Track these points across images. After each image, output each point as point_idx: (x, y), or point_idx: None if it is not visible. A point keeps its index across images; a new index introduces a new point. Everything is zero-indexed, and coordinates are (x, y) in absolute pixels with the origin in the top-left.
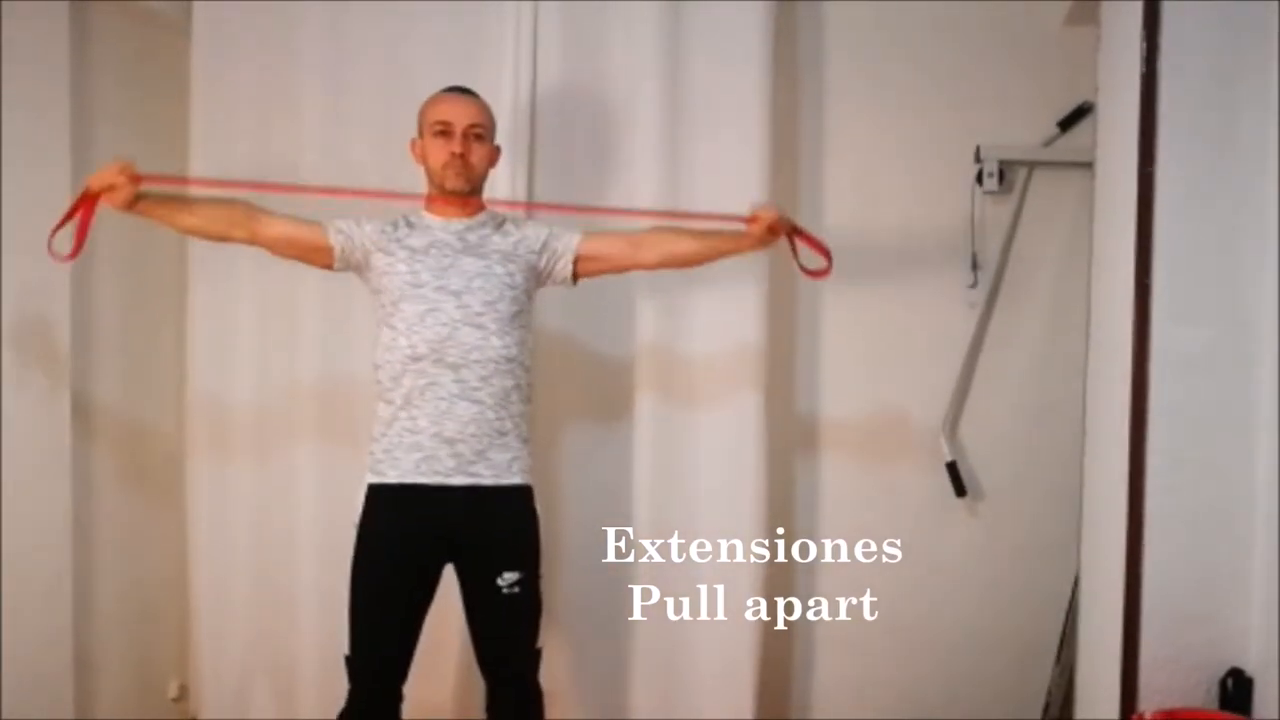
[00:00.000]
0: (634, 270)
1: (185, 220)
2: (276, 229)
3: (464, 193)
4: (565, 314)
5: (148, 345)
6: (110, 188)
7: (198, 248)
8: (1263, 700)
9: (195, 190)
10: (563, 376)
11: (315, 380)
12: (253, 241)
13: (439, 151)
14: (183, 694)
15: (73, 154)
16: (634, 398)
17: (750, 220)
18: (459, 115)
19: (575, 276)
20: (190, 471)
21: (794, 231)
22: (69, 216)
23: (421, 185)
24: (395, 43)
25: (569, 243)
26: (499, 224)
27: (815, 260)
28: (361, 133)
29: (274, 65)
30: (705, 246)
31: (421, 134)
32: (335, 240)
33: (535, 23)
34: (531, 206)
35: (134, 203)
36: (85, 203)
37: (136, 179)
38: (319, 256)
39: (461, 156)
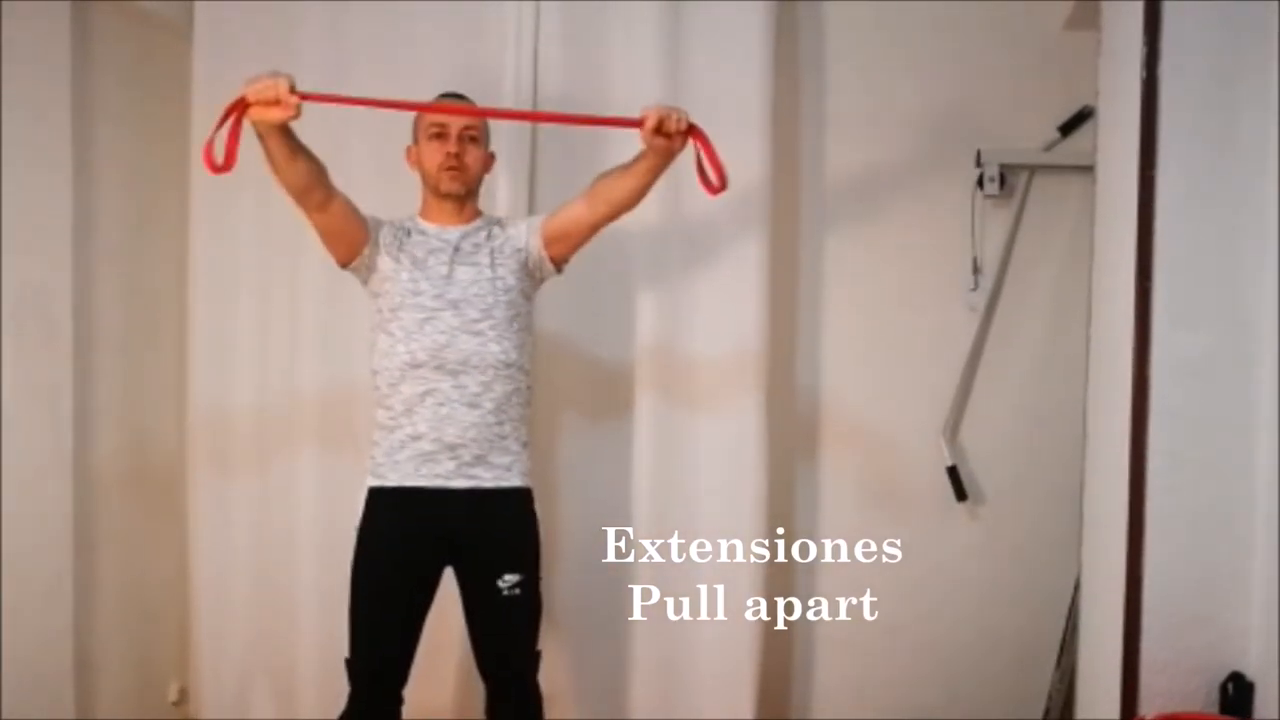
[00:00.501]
0: (600, 228)
1: (298, 162)
2: (344, 202)
3: (459, 196)
4: (565, 316)
5: (149, 347)
6: (274, 102)
7: (199, 250)
8: (1263, 704)
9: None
10: (562, 378)
11: (315, 384)
12: (324, 204)
13: (434, 153)
14: (183, 697)
15: (74, 155)
16: (634, 400)
17: (638, 123)
18: (453, 117)
19: (555, 263)
20: (191, 474)
21: (693, 133)
22: (220, 124)
23: (416, 194)
24: (395, 45)
25: (535, 231)
26: (491, 228)
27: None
28: (361, 134)
29: (274, 66)
30: (630, 173)
31: (417, 140)
32: (372, 231)
33: (536, 24)
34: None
35: (283, 126)
36: (237, 111)
37: (297, 105)
38: (352, 244)
39: (456, 156)
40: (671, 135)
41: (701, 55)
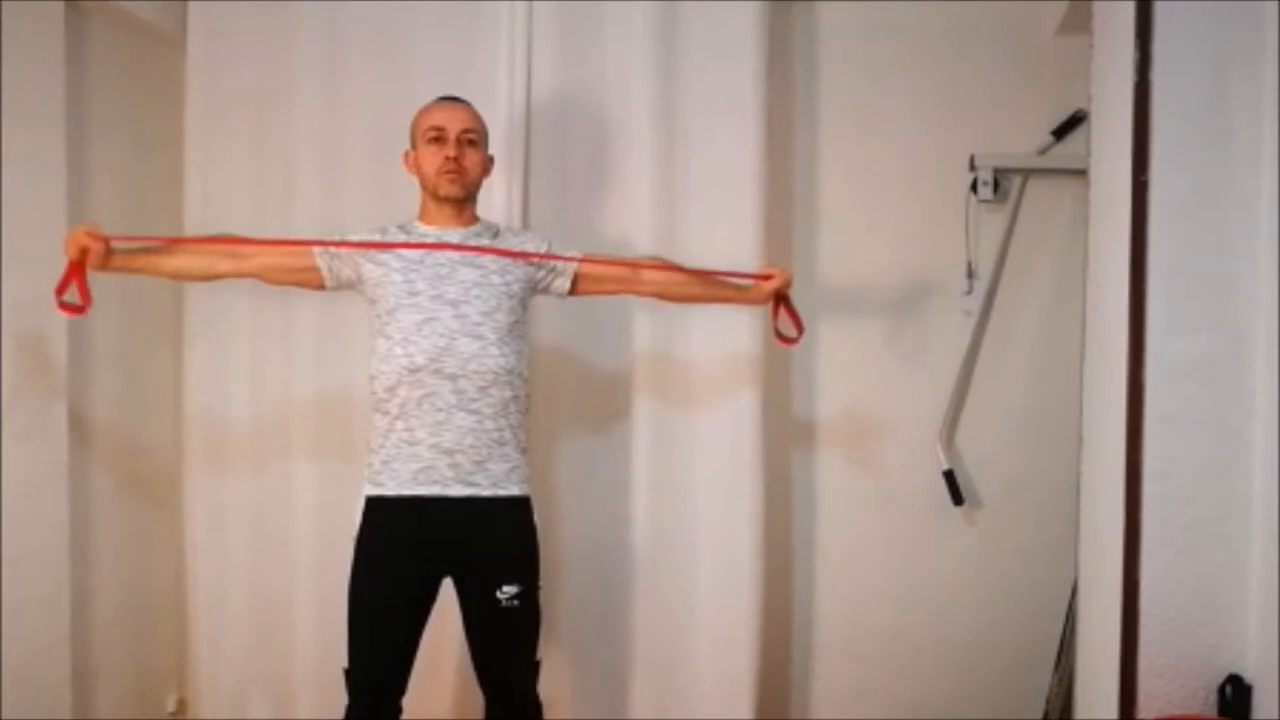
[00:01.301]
0: (627, 295)
1: (168, 265)
2: (263, 257)
3: (458, 199)
4: (562, 324)
5: (145, 357)
6: (84, 251)
7: None
8: (1261, 706)
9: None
10: (561, 387)
11: (311, 392)
12: (240, 273)
13: (433, 157)
14: (181, 707)
15: (68, 163)
16: (631, 407)
17: (764, 278)
18: (452, 120)
19: (571, 293)
20: (188, 483)
21: (786, 299)
22: (64, 283)
23: (414, 198)
24: (389, 49)
25: (568, 272)
26: (494, 234)
27: (787, 329)
28: (356, 140)
29: (269, 74)
30: (705, 293)
31: (414, 144)
32: (321, 260)
33: (530, 27)
34: None
35: (109, 260)
36: (72, 269)
37: (104, 239)
38: (309, 278)
39: (455, 160)
40: (782, 297)
41: (695, 56)
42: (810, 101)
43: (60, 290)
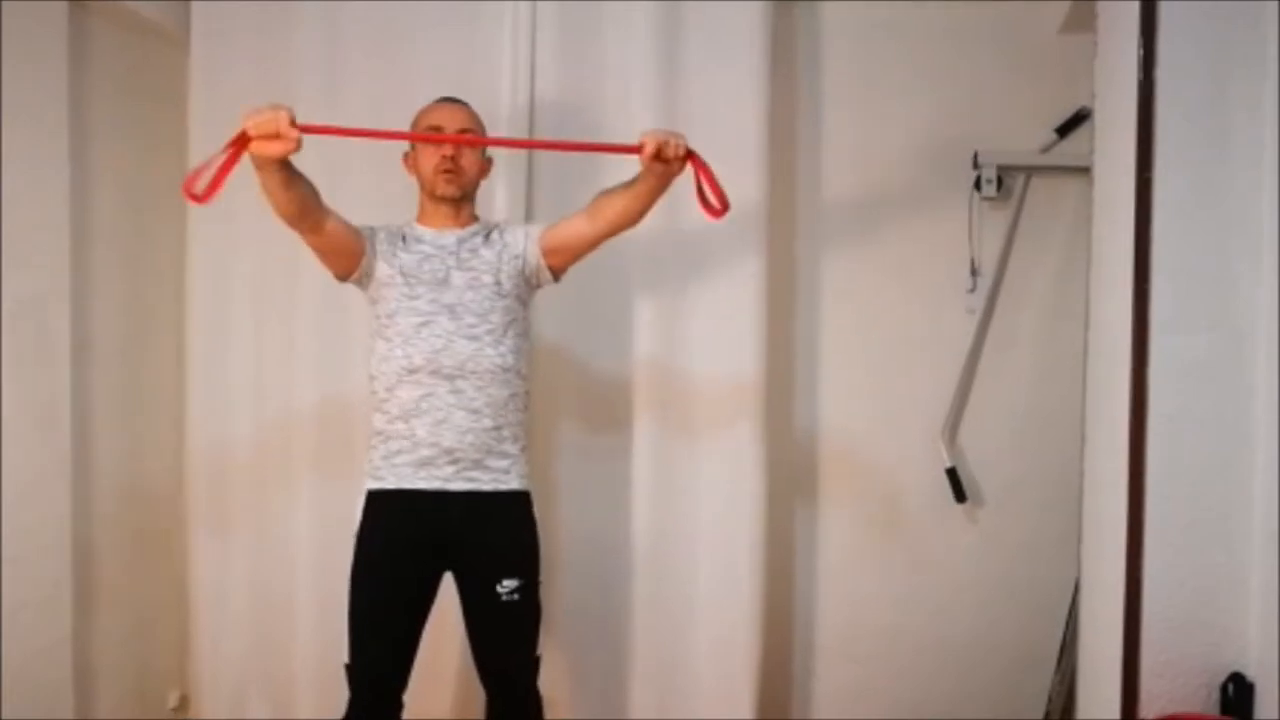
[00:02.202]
0: (600, 243)
1: (293, 191)
2: (337, 220)
3: (455, 199)
4: (563, 326)
5: (147, 357)
6: (274, 136)
7: (197, 259)
8: (1264, 705)
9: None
10: (561, 388)
11: (313, 393)
12: (317, 227)
13: (430, 157)
14: (182, 704)
15: (71, 164)
16: (632, 407)
17: (636, 149)
18: (450, 120)
19: (554, 272)
20: (189, 481)
21: (691, 158)
22: (222, 158)
23: (413, 199)
24: (392, 49)
25: (533, 240)
26: (488, 234)
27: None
28: (358, 140)
29: (271, 74)
30: (630, 194)
31: (413, 146)
32: (370, 247)
33: (533, 25)
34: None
35: (282, 162)
36: (237, 145)
37: (298, 139)
38: (350, 257)
39: (453, 160)
40: (669, 161)
41: (697, 56)
42: (813, 100)
43: (205, 168)
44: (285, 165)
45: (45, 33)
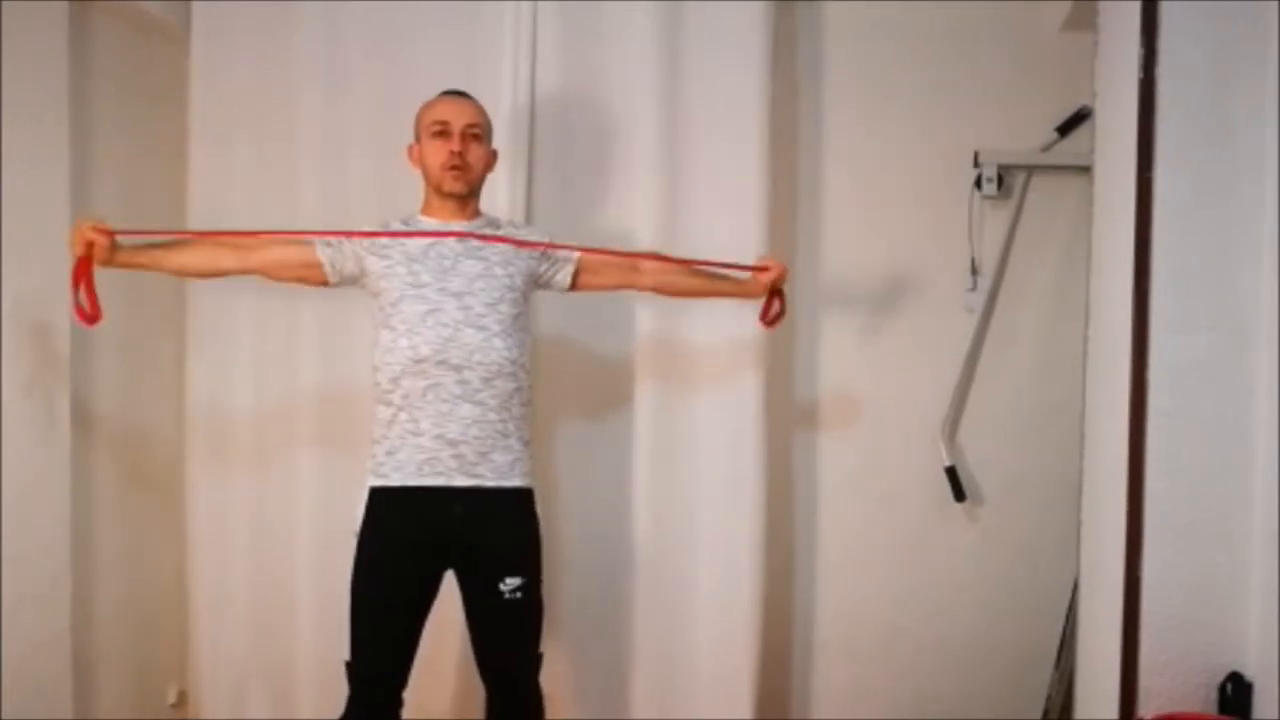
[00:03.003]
0: (626, 290)
1: (173, 261)
2: (267, 252)
3: (462, 195)
4: (563, 317)
5: (147, 350)
6: (89, 245)
7: None
8: (1262, 704)
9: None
10: (562, 378)
11: (314, 385)
12: (245, 268)
13: (437, 151)
14: (181, 700)
15: (71, 162)
16: (632, 403)
17: (760, 270)
18: (456, 115)
19: (572, 287)
20: (190, 477)
21: (779, 291)
22: (75, 286)
23: (418, 192)
24: (393, 47)
25: (570, 253)
26: (497, 227)
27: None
28: (360, 139)
29: (272, 72)
30: (703, 286)
31: (419, 137)
32: (323, 254)
33: (533, 26)
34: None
35: (114, 256)
36: (79, 266)
37: (109, 233)
38: (312, 274)
39: (460, 155)
40: (775, 293)
41: (699, 54)
42: (814, 99)
43: (75, 296)
44: (146, 254)
45: (46, 31)
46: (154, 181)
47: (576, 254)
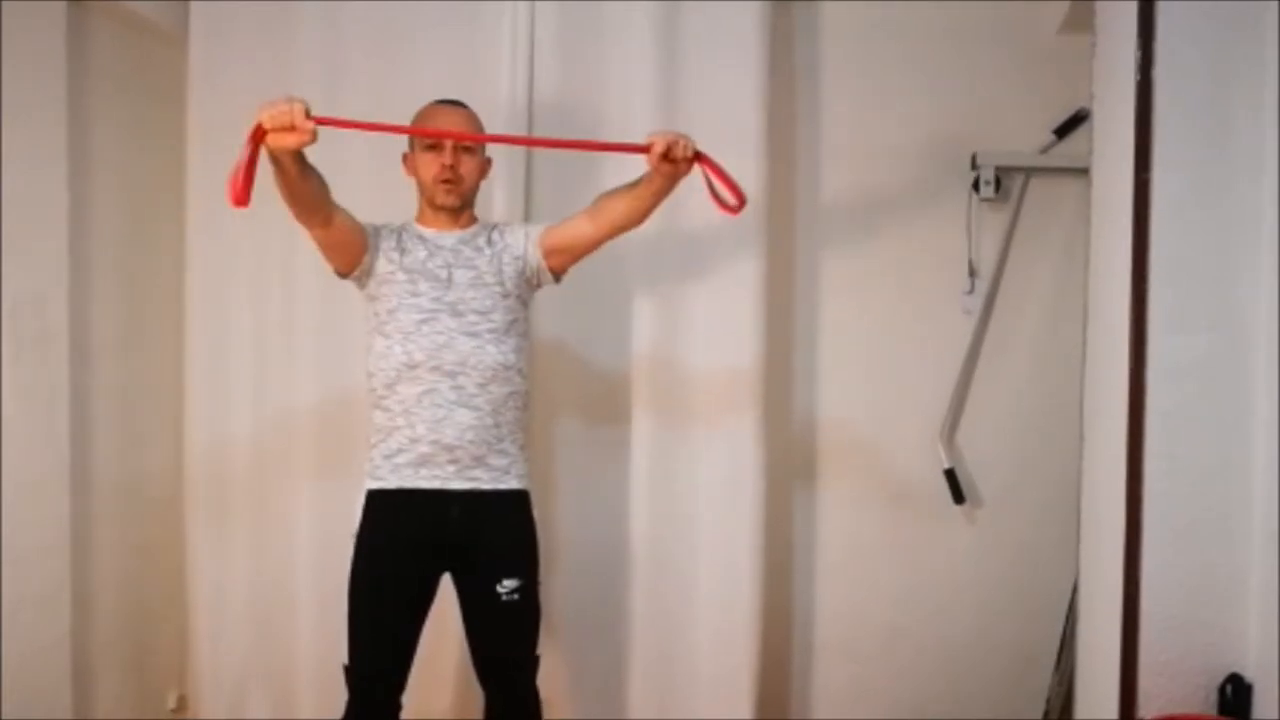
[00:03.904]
0: (602, 244)
1: (307, 185)
2: (344, 215)
3: (455, 209)
4: (563, 323)
5: (146, 352)
6: (290, 128)
7: (195, 254)
8: (1262, 705)
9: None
10: (560, 385)
11: (313, 392)
12: (326, 221)
13: (429, 165)
14: (181, 705)
15: (69, 160)
16: (631, 404)
17: (645, 149)
18: (449, 126)
19: (555, 273)
20: (188, 479)
21: (700, 159)
22: (251, 159)
23: (413, 199)
24: (391, 48)
25: (534, 241)
26: (489, 234)
27: (725, 196)
28: (357, 140)
29: (271, 72)
30: (635, 195)
31: (412, 147)
32: (372, 240)
33: (531, 24)
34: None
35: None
36: (253, 140)
37: (313, 124)
38: (354, 253)
39: (452, 169)
40: (678, 161)
41: (696, 56)
42: (811, 100)
43: (240, 168)
44: (299, 158)
45: (44, 31)
46: (153, 182)
47: (537, 240)
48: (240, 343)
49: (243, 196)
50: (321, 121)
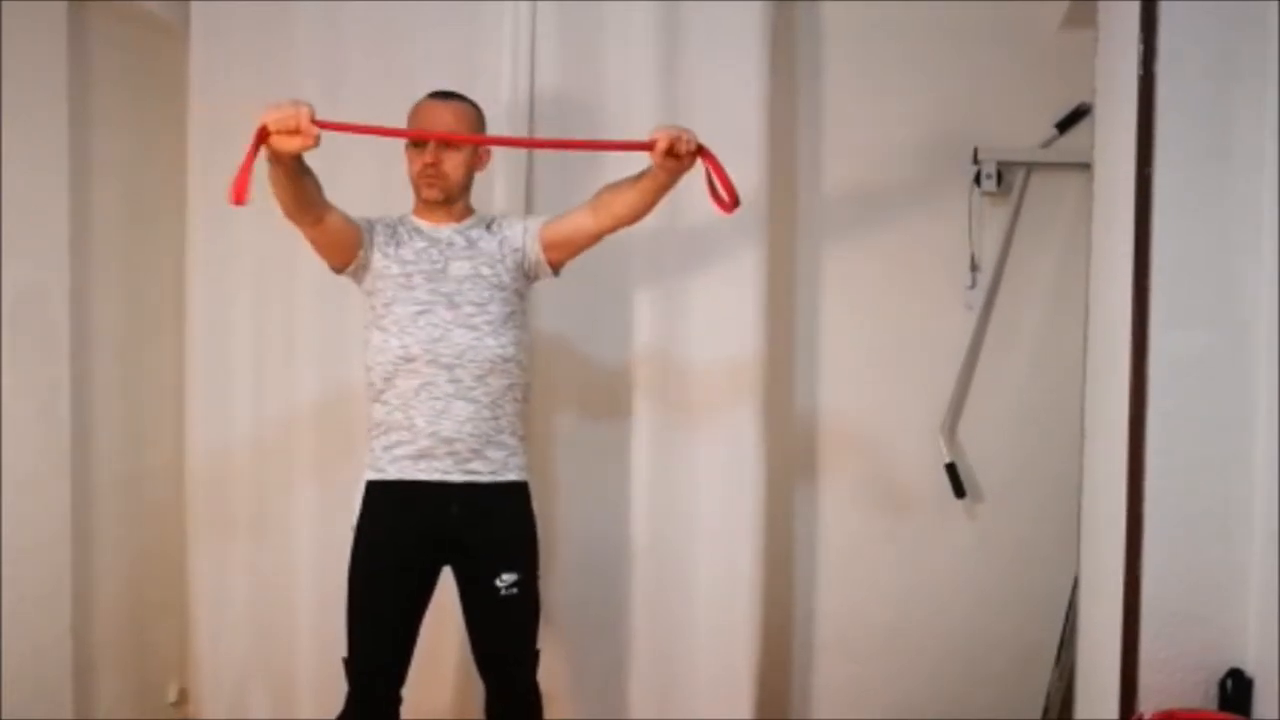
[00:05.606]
0: (602, 238)
1: (302, 186)
2: (337, 214)
3: (439, 203)
4: (563, 317)
5: (147, 348)
6: (294, 131)
7: (196, 250)
8: (1262, 700)
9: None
10: (561, 379)
11: (314, 388)
12: (319, 220)
13: (413, 161)
14: (182, 698)
15: (70, 157)
16: (632, 398)
17: (649, 146)
18: (434, 122)
19: (553, 266)
20: (189, 474)
21: (702, 153)
22: (252, 159)
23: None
24: (392, 46)
25: (533, 234)
26: (487, 226)
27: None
28: (357, 139)
29: (271, 71)
30: (637, 189)
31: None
32: (366, 236)
33: (532, 26)
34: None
35: (296, 156)
36: (256, 140)
37: (318, 129)
38: (347, 250)
39: (433, 165)
40: (681, 156)
41: (697, 54)
42: (813, 97)
43: (246, 168)
44: (298, 161)
45: (44, 28)
46: (154, 181)
47: (537, 234)
48: (241, 340)
49: (242, 195)
50: (326, 126)
